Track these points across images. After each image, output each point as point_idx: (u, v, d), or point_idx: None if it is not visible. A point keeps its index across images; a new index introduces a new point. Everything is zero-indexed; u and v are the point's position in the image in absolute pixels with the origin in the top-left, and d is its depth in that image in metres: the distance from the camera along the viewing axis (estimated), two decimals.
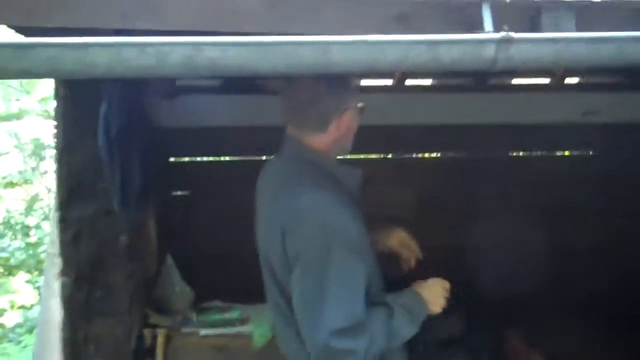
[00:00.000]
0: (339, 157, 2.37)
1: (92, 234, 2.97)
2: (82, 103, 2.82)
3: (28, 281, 10.64)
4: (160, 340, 3.09)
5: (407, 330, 2.22)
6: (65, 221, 3.00)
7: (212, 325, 3.23)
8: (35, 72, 1.72)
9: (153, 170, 3.22)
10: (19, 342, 9.38)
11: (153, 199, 3.37)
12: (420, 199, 4.61)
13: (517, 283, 4.83)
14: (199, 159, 4.38)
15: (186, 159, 4.33)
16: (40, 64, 1.66)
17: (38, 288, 10.25)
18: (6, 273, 11.08)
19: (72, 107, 2.86)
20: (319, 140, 2.24)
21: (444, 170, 4.76)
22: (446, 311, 4.24)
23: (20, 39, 2.01)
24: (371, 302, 2.17)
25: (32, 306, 10.10)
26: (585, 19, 2.22)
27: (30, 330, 9.43)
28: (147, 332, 3.10)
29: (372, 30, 1.86)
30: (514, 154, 5.08)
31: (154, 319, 3.21)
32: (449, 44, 1.78)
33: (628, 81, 4.21)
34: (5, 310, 10.15)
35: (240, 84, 3.58)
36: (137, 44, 1.67)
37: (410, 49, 1.78)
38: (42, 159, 12.10)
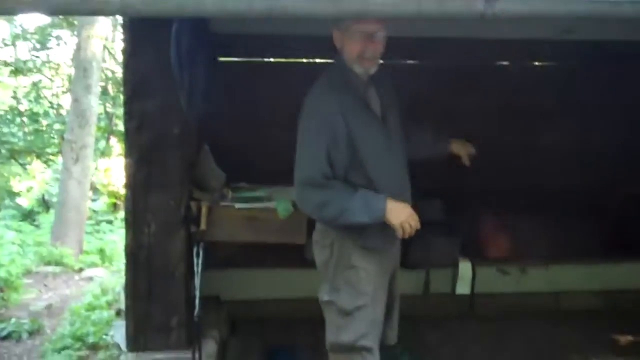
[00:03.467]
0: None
1: (152, 125, 3.62)
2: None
3: (44, 163, 11.11)
4: (204, 210, 3.72)
5: (358, 215, 2.79)
6: (129, 113, 3.65)
7: (244, 200, 3.85)
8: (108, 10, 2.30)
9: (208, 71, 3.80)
10: (33, 221, 9.86)
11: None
12: (410, 100, 5.25)
13: (494, 175, 5.55)
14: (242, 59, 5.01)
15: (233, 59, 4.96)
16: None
17: (53, 171, 10.84)
18: (16, 157, 11.48)
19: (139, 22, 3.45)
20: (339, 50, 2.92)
21: (432, 77, 5.28)
22: (429, 198, 4.97)
23: None
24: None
25: (45, 189, 10.65)
26: None
27: (46, 211, 10.08)
28: (193, 204, 3.72)
29: None
30: (498, 63, 5.63)
31: (197, 194, 3.83)
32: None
33: None
34: (20, 193, 10.66)
35: None
36: None
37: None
38: (47, 48, 12.32)
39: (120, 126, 10.37)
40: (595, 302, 5.13)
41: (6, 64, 12.16)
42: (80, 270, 7.31)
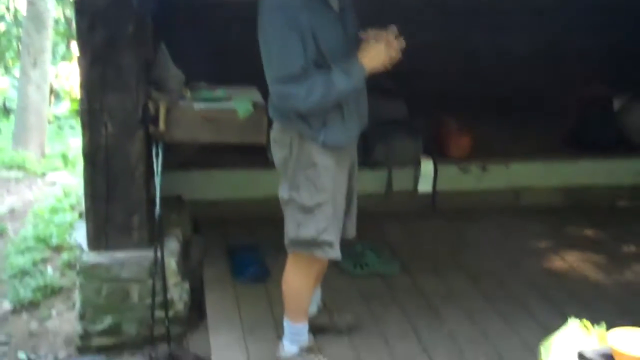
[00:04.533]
0: None
1: (104, 23, 3.50)
2: None
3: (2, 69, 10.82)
4: (162, 111, 3.64)
5: (343, 83, 2.80)
6: (81, 12, 3.51)
7: (203, 100, 3.79)
8: None
9: None
10: None
11: None
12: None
13: (456, 76, 5.57)
14: None
15: None
16: None
17: (12, 78, 10.59)
18: None
19: None
20: None
21: None
22: (393, 97, 5.00)
23: None
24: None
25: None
26: None
27: (7, 117, 9.90)
28: (150, 104, 3.63)
29: None
30: None
31: (154, 94, 3.76)
32: None
33: None
34: None
35: None
36: None
37: None
38: None
39: None
40: (554, 198, 5.23)
41: None
42: (43, 174, 7.23)
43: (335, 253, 3.04)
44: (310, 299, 3.23)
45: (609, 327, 2.37)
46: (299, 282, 3.13)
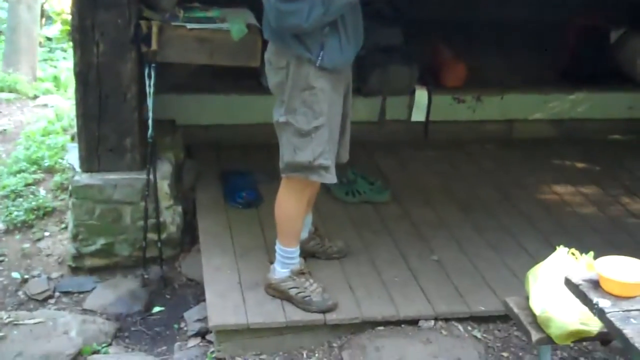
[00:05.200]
0: None
1: None
2: None
3: None
4: (154, 30, 3.57)
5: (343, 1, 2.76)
6: None
7: (197, 21, 3.70)
8: None
9: None
10: None
11: None
12: None
13: (454, 6, 5.51)
14: None
15: None
16: None
17: None
18: None
19: None
20: None
21: None
22: (389, 24, 4.95)
23: None
24: None
25: None
26: None
27: None
28: (143, 23, 3.57)
29: None
30: None
31: (147, 13, 3.68)
32: None
33: None
34: None
35: None
36: None
37: None
38: None
39: None
40: (547, 130, 5.23)
41: None
42: (35, 97, 7.14)
43: (332, 177, 3.04)
44: (302, 224, 3.25)
45: (596, 257, 2.39)
46: (291, 206, 3.14)
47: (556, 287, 2.47)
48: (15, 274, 3.82)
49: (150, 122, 3.63)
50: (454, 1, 5.53)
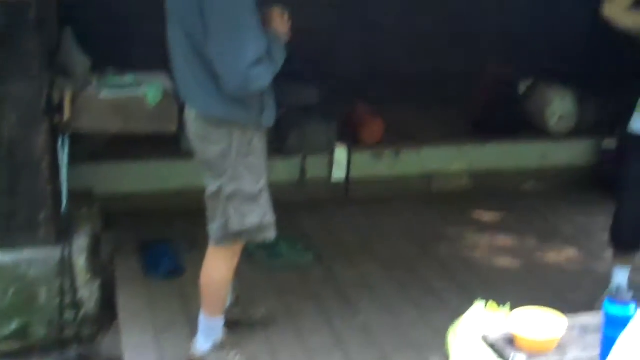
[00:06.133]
0: None
1: (4, 6, 3.30)
2: None
3: None
4: (67, 99, 3.51)
5: (281, 55, 2.89)
6: None
7: (111, 87, 3.69)
8: None
9: None
10: None
11: None
12: None
13: (368, 61, 5.61)
14: None
15: None
16: None
17: None
18: None
19: None
20: None
21: None
22: (305, 83, 5.01)
23: None
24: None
25: None
26: None
27: None
28: (55, 92, 3.52)
29: None
30: None
31: (60, 82, 3.63)
32: None
33: None
34: None
35: None
36: None
37: None
38: None
39: None
40: (463, 182, 5.32)
41: None
42: None
43: (274, 232, 3.09)
44: (228, 292, 3.22)
45: (514, 308, 2.44)
46: (222, 274, 3.10)
47: (475, 344, 2.50)
48: None
49: (64, 194, 3.54)
50: (367, 56, 5.64)
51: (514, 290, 3.73)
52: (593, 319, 2.38)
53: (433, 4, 5.62)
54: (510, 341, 2.26)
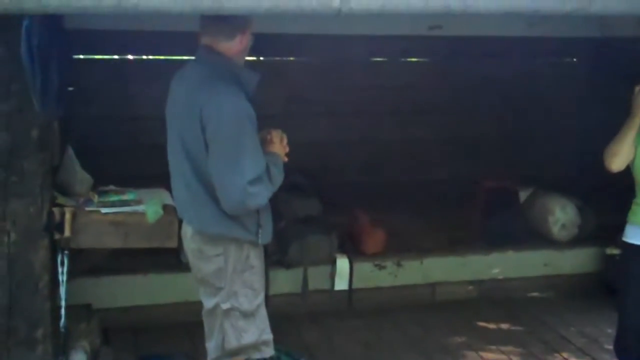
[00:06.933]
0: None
1: (7, 127, 3.42)
2: None
3: None
4: (67, 216, 3.55)
5: (280, 176, 2.95)
6: None
7: (111, 204, 3.72)
8: None
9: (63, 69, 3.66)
10: None
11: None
12: (287, 97, 5.32)
13: (368, 170, 5.69)
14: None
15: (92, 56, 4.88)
16: None
17: None
18: None
19: None
20: (228, 48, 2.90)
21: (308, 73, 5.44)
22: (306, 195, 5.05)
23: None
24: None
25: None
26: None
27: None
28: (56, 210, 3.54)
29: None
30: (373, 59, 5.79)
31: (60, 200, 3.67)
32: None
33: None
34: None
35: None
36: None
37: None
38: None
39: None
40: (468, 291, 5.29)
41: None
42: None
43: (271, 350, 3.04)
44: None
45: None
46: None
47: None
48: None
49: (62, 311, 3.51)
50: (367, 165, 5.72)
51: None
52: None
53: (432, 114, 5.74)
54: None
